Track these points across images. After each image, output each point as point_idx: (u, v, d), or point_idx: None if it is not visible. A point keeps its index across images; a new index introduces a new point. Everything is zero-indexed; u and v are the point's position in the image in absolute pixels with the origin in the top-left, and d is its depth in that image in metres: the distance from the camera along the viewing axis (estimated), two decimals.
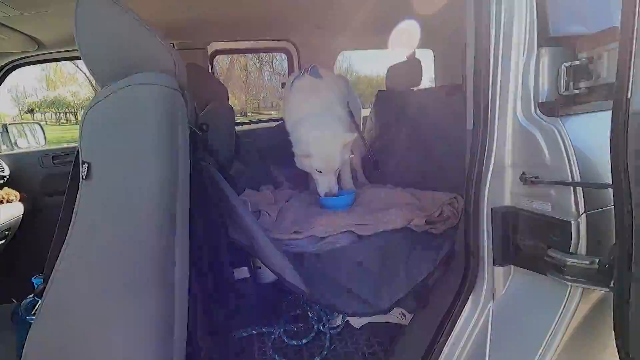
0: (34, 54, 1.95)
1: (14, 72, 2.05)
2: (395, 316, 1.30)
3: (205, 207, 1.06)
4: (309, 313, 1.42)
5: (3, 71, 1.98)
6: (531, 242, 0.81)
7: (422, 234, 1.31)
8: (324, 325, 1.35)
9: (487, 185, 0.88)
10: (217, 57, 2.62)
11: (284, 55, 2.64)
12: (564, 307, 0.78)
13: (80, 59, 0.80)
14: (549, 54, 0.80)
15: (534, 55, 0.80)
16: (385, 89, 2.26)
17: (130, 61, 0.81)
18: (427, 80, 3.01)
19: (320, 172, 1.55)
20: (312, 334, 1.33)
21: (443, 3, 1.78)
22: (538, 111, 0.81)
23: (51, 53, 1.99)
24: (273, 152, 2.53)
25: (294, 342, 1.30)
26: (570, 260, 0.72)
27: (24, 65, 2.04)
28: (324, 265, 1.24)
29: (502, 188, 0.86)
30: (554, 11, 0.80)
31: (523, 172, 0.81)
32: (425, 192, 1.54)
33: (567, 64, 0.78)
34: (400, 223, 1.31)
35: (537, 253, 0.80)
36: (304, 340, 1.30)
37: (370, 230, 1.31)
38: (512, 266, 0.88)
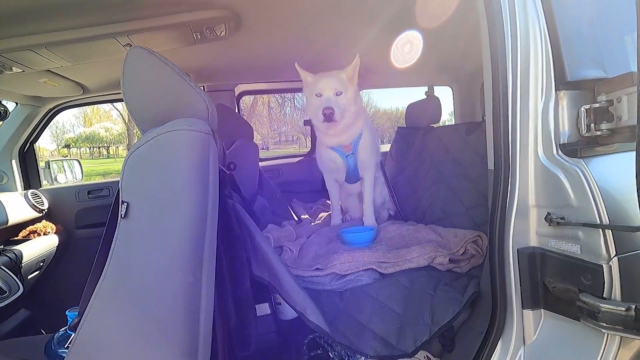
0: (78, 98, 2.13)
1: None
2: None
3: (230, 244, 1.09)
4: (330, 353, 1.38)
5: (50, 114, 2.16)
6: (561, 286, 0.79)
7: (446, 273, 1.28)
8: None
9: (512, 225, 0.87)
10: (243, 96, 2.77)
11: None
12: (602, 355, 0.74)
13: (120, 101, 0.89)
14: (567, 97, 0.81)
15: (553, 98, 0.82)
16: (404, 125, 2.31)
17: (169, 108, 0.88)
18: (447, 114, 3.06)
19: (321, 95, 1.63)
20: None
21: (459, 43, 1.84)
22: (560, 152, 0.81)
23: (94, 96, 2.17)
24: (294, 187, 2.59)
25: None
26: (605, 307, 0.69)
27: (68, 108, 2.23)
28: (345, 304, 1.23)
29: (527, 228, 0.85)
30: (570, 56, 0.82)
31: (549, 213, 0.80)
32: (448, 229, 1.52)
33: (586, 107, 0.79)
34: (424, 261, 1.29)
35: (569, 297, 0.78)
36: None
37: (392, 268, 1.30)
38: (543, 310, 0.85)
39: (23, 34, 1.26)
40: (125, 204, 0.77)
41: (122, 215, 0.77)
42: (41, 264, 1.98)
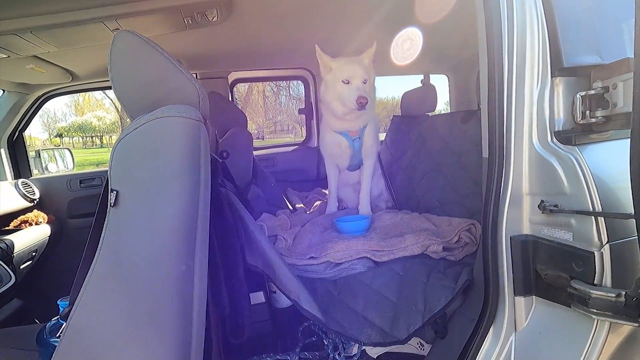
0: (67, 85, 2.08)
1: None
2: (413, 346, 1.26)
3: (223, 232, 1.08)
4: (324, 341, 1.39)
5: (39, 102, 2.12)
6: (553, 273, 0.79)
7: (439, 261, 1.28)
8: (339, 354, 1.32)
9: (505, 213, 0.87)
10: (237, 84, 2.73)
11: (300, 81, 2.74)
12: (592, 341, 0.75)
13: (110, 88, 0.86)
14: (563, 83, 0.81)
15: (548, 84, 0.81)
16: (399, 114, 2.29)
17: (159, 94, 0.86)
18: (442, 103, 3.05)
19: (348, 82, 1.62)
20: None
21: (456, 30, 1.82)
22: (555, 140, 0.81)
23: (84, 84, 2.12)
24: (289, 175, 2.58)
25: None
26: (595, 293, 0.69)
27: (58, 96, 2.18)
28: (340, 292, 1.23)
29: (520, 216, 0.85)
30: (566, 42, 0.81)
31: (542, 201, 0.80)
32: (442, 218, 1.53)
33: (582, 93, 0.79)
34: (417, 249, 1.29)
35: (560, 284, 0.78)
36: None
37: (386, 256, 1.30)
38: (534, 297, 0.86)
39: (7, 18, 1.22)
40: (115, 192, 0.76)
41: (112, 204, 0.76)
42: (34, 253, 1.96)
